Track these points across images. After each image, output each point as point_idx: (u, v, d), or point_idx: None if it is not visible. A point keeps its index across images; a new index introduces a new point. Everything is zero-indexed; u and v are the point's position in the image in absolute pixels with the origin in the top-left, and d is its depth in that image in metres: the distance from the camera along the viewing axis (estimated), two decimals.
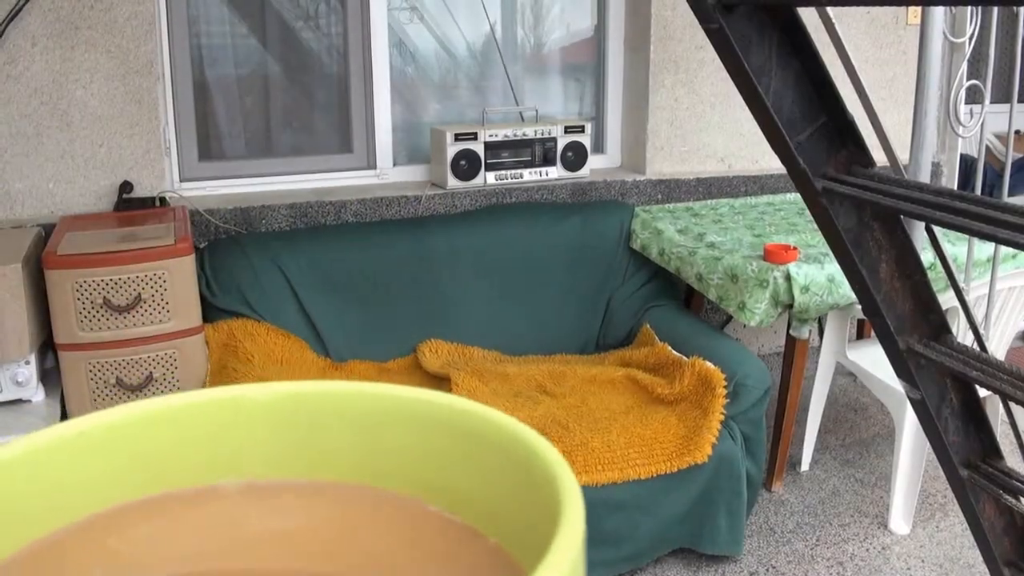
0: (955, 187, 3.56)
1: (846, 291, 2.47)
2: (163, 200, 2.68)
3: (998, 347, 2.54)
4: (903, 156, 1.80)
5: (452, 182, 2.99)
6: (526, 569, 0.27)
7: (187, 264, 2.21)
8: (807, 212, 3.22)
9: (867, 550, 2.42)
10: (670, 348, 2.57)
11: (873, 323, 0.60)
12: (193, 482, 0.30)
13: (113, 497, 0.30)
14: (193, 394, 0.30)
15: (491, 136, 3.01)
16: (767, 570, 2.33)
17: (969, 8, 2.89)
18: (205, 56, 2.97)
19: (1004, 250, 2.43)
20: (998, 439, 0.69)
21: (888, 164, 1.91)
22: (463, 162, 2.99)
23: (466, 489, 0.30)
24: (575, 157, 3.15)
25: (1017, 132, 4.43)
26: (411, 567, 0.29)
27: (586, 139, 3.16)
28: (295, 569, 0.29)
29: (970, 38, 2.01)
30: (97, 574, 0.27)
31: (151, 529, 0.30)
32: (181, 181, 2.89)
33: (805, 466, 2.84)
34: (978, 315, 2.35)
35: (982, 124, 1.98)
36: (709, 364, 2.35)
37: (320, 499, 0.30)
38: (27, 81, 2.53)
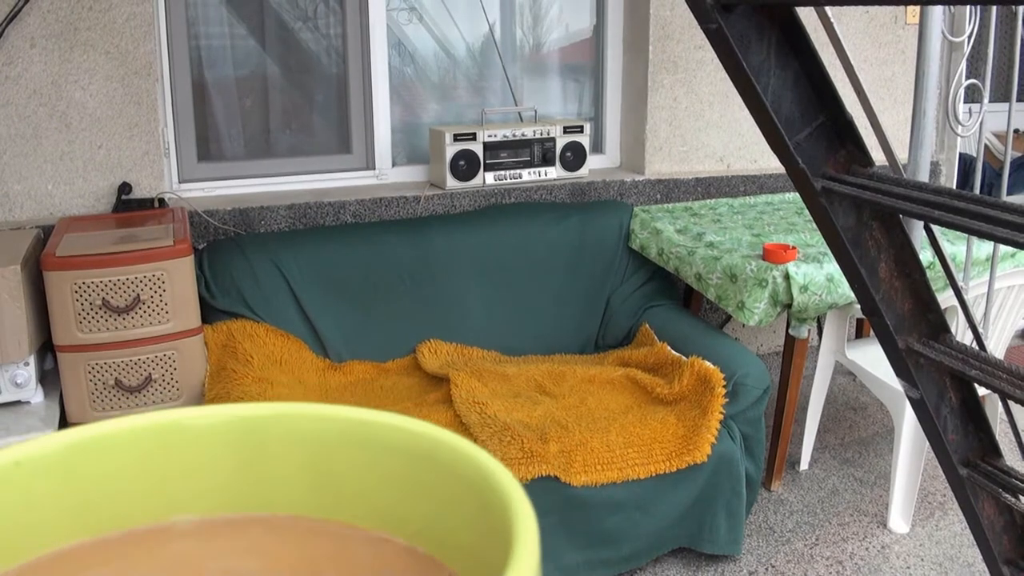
0: (954, 186, 3.56)
1: (845, 290, 2.48)
2: (162, 201, 2.68)
3: (997, 346, 2.54)
4: (902, 155, 1.80)
5: (451, 182, 3.00)
6: None
7: (186, 265, 2.21)
8: (806, 211, 3.23)
9: (866, 549, 2.42)
10: (669, 348, 2.57)
11: (872, 322, 0.61)
12: (145, 518, 0.29)
13: (59, 536, 0.29)
14: (132, 419, 0.29)
15: (490, 136, 3.01)
16: (766, 569, 2.33)
17: (968, 7, 2.89)
18: (204, 57, 2.97)
19: (1003, 249, 2.43)
20: (997, 438, 0.69)
21: (887, 163, 1.91)
22: (462, 162, 2.99)
23: (423, 515, 0.29)
24: (574, 157, 3.16)
25: (1016, 131, 4.43)
26: None
27: (585, 139, 3.16)
28: None
29: (969, 37, 2.01)
30: None
31: (108, 572, 0.29)
32: (180, 182, 2.89)
33: (804, 465, 2.84)
34: (977, 314, 2.35)
35: (981, 123, 1.98)
36: (708, 364, 2.35)
37: (280, 536, 0.29)
38: (26, 82, 2.53)
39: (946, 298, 2.28)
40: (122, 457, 0.29)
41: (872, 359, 2.62)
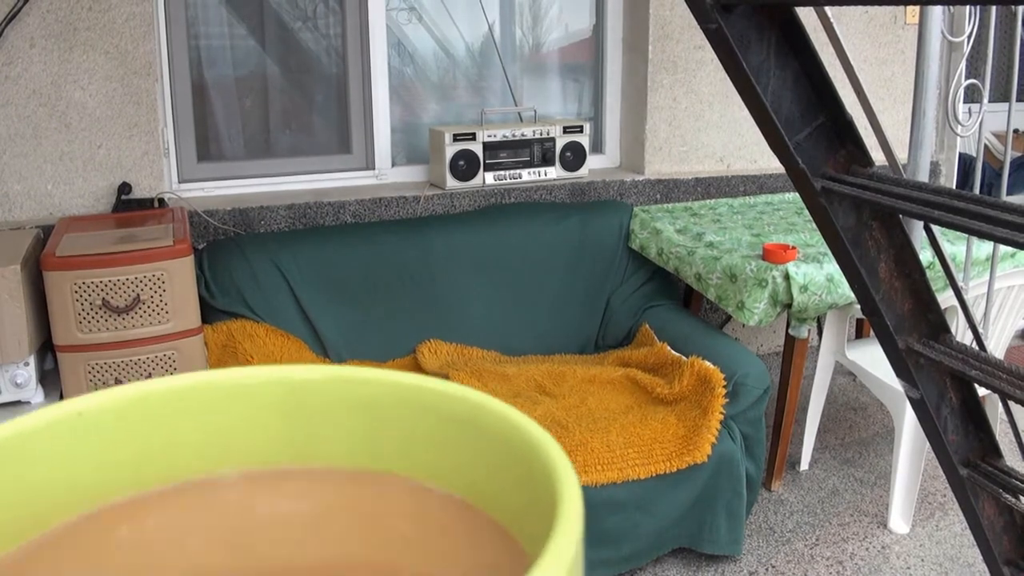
0: (954, 186, 3.55)
1: (845, 290, 2.48)
2: (162, 201, 2.68)
3: (997, 346, 2.54)
4: (902, 155, 1.80)
5: (451, 182, 2.99)
6: (524, 546, 0.27)
7: (186, 265, 2.21)
8: (806, 212, 3.23)
9: (867, 549, 2.42)
10: (669, 348, 2.57)
11: (872, 322, 0.61)
12: (193, 472, 0.30)
13: (117, 487, 0.30)
14: (191, 376, 0.30)
15: (490, 136, 3.01)
16: (767, 570, 2.33)
17: (967, 7, 2.89)
18: (204, 57, 2.97)
19: (1003, 249, 2.43)
20: (997, 438, 0.69)
21: (887, 163, 1.91)
22: (462, 162, 2.99)
23: (465, 471, 0.30)
24: (574, 157, 3.15)
25: (1015, 131, 4.43)
26: (417, 544, 0.29)
27: (585, 139, 3.16)
28: (309, 554, 0.29)
29: (968, 37, 2.01)
30: (113, 564, 0.27)
31: (162, 519, 0.29)
32: (180, 182, 2.89)
33: (804, 465, 2.84)
34: (977, 314, 2.35)
35: (980, 123, 1.98)
36: (708, 364, 2.35)
37: (323, 483, 0.30)
38: (25, 82, 2.53)
39: (946, 298, 2.28)
40: (178, 412, 0.29)
41: (872, 359, 2.62)
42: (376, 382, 0.30)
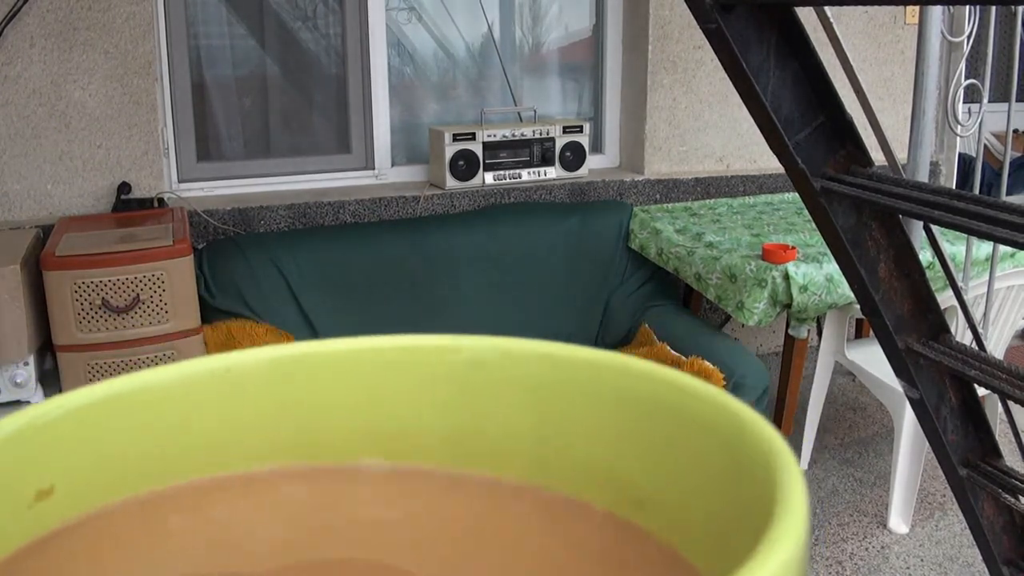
0: (953, 186, 3.56)
1: (844, 290, 2.48)
2: (161, 201, 2.68)
3: (997, 346, 2.54)
4: (901, 155, 1.80)
5: (450, 182, 2.99)
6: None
7: (186, 265, 2.20)
8: (805, 211, 3.22)
9: (866, 549, 2.42)
10: (669, 348, 2.57)
11: (872, 323, 0.61)
12: (336, 459, 0.26)
13: (169, 472, 0.27)
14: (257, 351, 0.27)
15: (489, 136, 3.01)
16: None
17: (967, 7, 2.89)
18: (203, 57, 2.97)
19: (1002, 249, 2.43)
20: (997, 438, 0.69)
21: (886, 163, 1.91)
22: (461, 162, 2.99)
23: (643, 481, 0.23)
24: (573, 157, 3.15)
25: (1015, 131, 4.44)
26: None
27: (584, 139, 3.15)
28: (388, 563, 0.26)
29: (968, 37, 2.01)
30: (181, 549, 0.24)
31: (225, 512, 0.27)
32: (179, 182, 2.89)
33: (804, 465, 2.84)
34: (977, 314, 2.35)
35: (980, 123, 1.98)
36: (708, 364, 2.35)
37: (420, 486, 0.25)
38: (25, 82, 2.53)
39: (946, 298, 2.28)
40: (334, 380, 0.27)
41: (872, 359, 2.62)
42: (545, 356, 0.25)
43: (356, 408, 0.26)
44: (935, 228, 1.02)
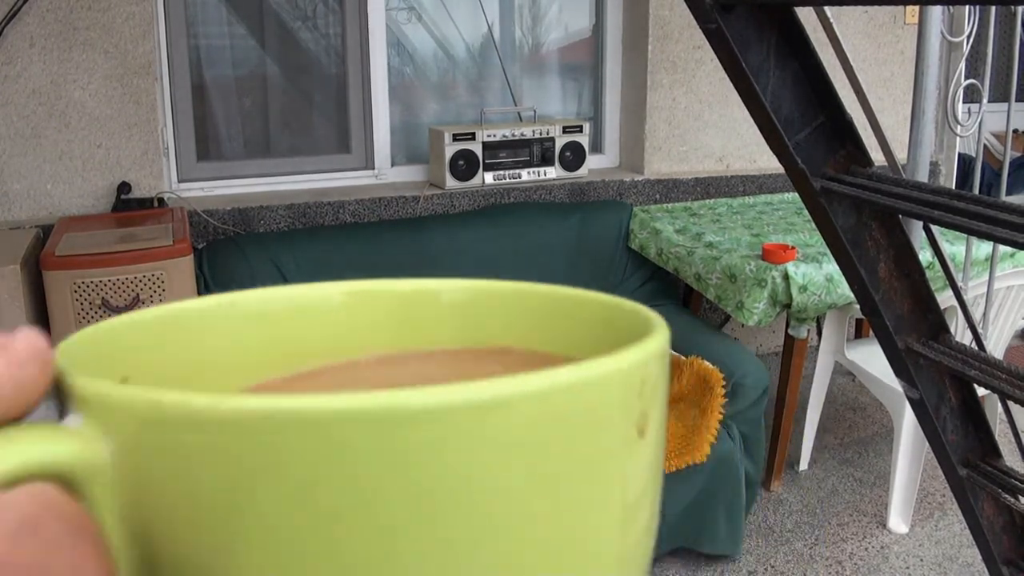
0: (953, 186, 3.55)
1: (844, 290, 2.48)
2: (161, 201, 2.68)
3: (996, 346, 2.54)
4: (901, 155, 1.80)
5: (450, 182, 2.99)
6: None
7: (185, 265, 2.20)
8: (805, 211, 3.22)
9: (866, 549, 2.42)
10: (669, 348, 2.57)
11: (872, 323, 0.61)
12: (335, 357, 0.34)
13: (261, 372, 0.33)
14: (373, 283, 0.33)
15: (489, 136, 3.01)
16: (766, 570, 2.33)
17: (967, 7, 2.89)
18: (203, 57, 2.97)
19: (1002, 249, 2.43)
20: (997, 438, 0.69)
21: (886, 163, 1.91)
22: (461, 162, 2.99)
23: (555, 335, 0.34)
24: (573, 157, 3.15)
25: (1015, 131, 4.44)
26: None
27: (584, 139, 3.16)
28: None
29: (968, 37, 2.01)
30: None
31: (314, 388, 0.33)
32: (179, 182, 2.89)
33: (804, 465, 2.84)
34: (976, 314, 2.35)
35: (980, 123, 1.98)
36: (708, 364, 2.35)
37: (432, 361, 0.34)
38: (25, 82, 2.53)
39: (946, 298, 2.28)
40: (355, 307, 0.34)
41: (872, 359, 2.62)
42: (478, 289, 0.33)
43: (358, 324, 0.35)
44: (935, 228, 1.02)
